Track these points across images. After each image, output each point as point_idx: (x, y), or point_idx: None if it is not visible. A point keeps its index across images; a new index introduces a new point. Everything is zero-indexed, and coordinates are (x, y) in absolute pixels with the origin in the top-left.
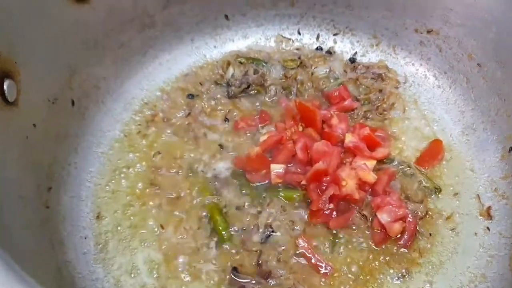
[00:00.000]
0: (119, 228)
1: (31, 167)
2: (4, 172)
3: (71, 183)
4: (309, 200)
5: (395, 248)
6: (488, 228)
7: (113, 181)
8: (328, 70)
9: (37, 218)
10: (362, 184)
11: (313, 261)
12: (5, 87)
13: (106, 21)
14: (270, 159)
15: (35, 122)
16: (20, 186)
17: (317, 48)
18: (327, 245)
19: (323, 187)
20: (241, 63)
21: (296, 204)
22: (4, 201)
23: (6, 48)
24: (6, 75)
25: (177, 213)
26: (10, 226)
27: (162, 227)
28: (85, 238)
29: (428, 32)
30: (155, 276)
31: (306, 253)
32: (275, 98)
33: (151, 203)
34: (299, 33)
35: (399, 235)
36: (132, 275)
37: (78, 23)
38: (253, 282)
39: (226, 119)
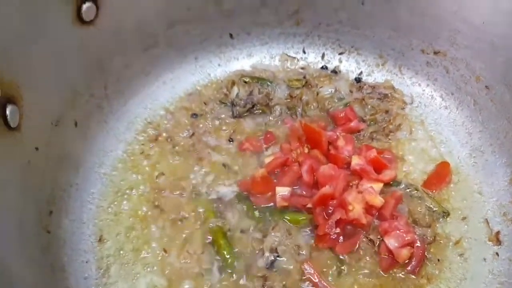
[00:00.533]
0: (121, 252)
1: (32, 191)
2: (4, 199)
3: (72, 205)
4: (315, 224)
5: (403, 274)
6: (497, 254)
7: (115, 203)
8: (333, 90)
9: (38, 244)
10: (369, 208)
11: (319, 287)
12: (7, 112)
13: (110, 42)
14: (275, 181)
15: (37, 146)
16: (20, 213)
17: (322, 67)
18: (333, 271)
19: (330, 211)
20: (245, 82)
21: (302, 227)
22: (3, 229)
23: (9, 73)
24: (9, 100)
25: (181, 237)
26: (9, 257)
27: (165, 251)
28: (87, 262)
29: (435, 53)
30: None
31: (312, 278)
32: (280, 118)
33: (154, 225)
34: (304, 52)
35: (407, 261)
36: None
37: (83, 45)
38: None
39: (230, 139)
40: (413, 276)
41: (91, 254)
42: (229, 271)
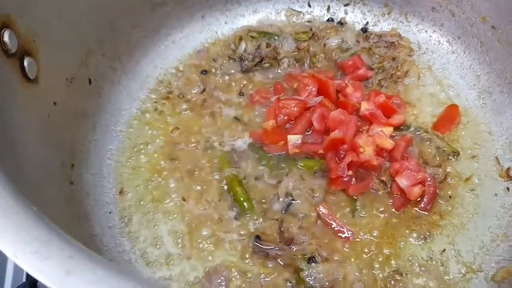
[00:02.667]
0: (142, 202)
1: (54, 144)
2: (30, 147)
3: (92, 160)
4: (328, 169)
5: (415, 211)
6: (508, 189)
7: (133, 158)
8: (340, 40)
9: (63, 194)
10: (379, 151)
11: (334, 226)
12: (25, 64)
13: (120, 1)
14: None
15: (55, 100)
16: (45, 163)
17: (328, 20)
18: (347, 211)
19: (341, 155)
20: (253, 37)
21: (315, 173)
22: (32, 176)
23: (25, 25)
24: (26, 52)
25: (198, 186)
26: (41, 201)
27: (184, 199)
28: (110, 212)
29: None
30: (179, 246)
31: (327, 219)
32: (288, 70)
33: (171, 177)
34: (309, 6)
35: (419, 199)
36: (158, 246)
37: (94, 3)
38: (277, 248)
39: (241, 93)
40: (425, 213)
41: (113, 205)
42: (247, 216)
